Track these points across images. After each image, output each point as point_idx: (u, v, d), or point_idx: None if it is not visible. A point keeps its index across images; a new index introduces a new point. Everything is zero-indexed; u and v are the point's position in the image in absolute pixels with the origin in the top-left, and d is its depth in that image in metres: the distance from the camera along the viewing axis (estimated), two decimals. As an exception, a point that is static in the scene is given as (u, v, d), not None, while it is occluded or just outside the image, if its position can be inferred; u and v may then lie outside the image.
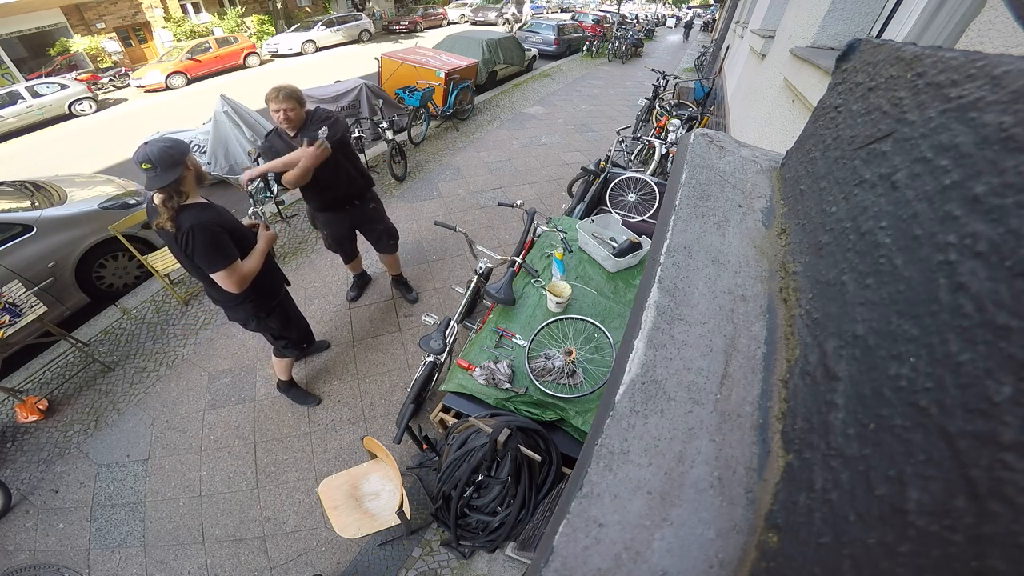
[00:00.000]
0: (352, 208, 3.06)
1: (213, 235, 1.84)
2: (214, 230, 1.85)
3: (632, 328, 0.54)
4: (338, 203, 2.98)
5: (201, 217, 1.83)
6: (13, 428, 2.92)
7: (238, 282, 1.96)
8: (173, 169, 1.74)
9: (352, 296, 3.81)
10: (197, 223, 1.81)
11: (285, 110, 2.51)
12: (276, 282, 2.41)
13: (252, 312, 2.30)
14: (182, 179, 1.78)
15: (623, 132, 5.39)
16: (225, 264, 1.89)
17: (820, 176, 0.54)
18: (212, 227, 1.84)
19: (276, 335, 2.52)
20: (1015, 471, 0.24)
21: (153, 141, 1.75)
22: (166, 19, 17.57)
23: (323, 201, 2.94)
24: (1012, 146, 0.27)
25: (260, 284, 2.21)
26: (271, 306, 2.37)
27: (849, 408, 0.36)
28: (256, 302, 2.27)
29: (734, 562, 0.40)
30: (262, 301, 2.30)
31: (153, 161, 1.70)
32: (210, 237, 1.84)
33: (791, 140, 0.66)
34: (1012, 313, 0.25)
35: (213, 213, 1.91)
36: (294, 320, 2.56)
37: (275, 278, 2.41)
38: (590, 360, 2.11)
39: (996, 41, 0.87)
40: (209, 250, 1.85)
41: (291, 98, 2.51)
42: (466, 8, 25.79)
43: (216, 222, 1.87)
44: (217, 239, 1.86)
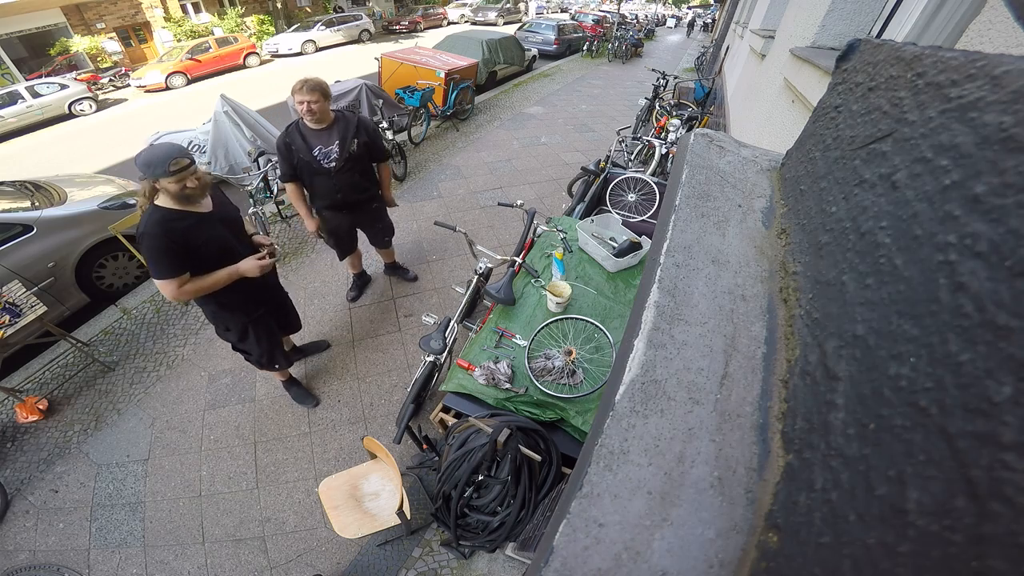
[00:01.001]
0: (356, 209, 3.08)
1: (157, 246, 1.79)
2: (161, 242, 1.79)
3: (632, 328, 0.54)
4: (345, 205, 2.99)
5: (151, 224, 1.79)
6: (13, 428, 2.92)
7: (173, 296, 1.91)
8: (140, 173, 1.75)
9: (352, 296, 3.81)
10: (147, 230, 1.79)
11: (309, 102, 2.49)
12: (248, 303, 2.30)
13: (210, 317, 2.29)
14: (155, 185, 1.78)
15: (623, 132, 5.39)
16: (160, 277, 1.85)
17: (820, 176, 0.54)
18: (160, 239, 1.79)
19: (234, 347, 2.49)
20: (1015, 471, 0.24)
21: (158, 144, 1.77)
22: (166, 19, 17.57)
23: (331, 202, 2.94)
24: (1012, 146, 0.27)
25: (222, 299, 2.15)
26: (232, 324, 2.32)
27: (849, 408, 0.36)
28: (215, 312, 2.24)
29: (734, 562, 0.40)
30: (221, 312, 2.25)
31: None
32: (154, 246, 1.79)
33: (791, 140, 0.66)
34: (1012, 313, 0.25)
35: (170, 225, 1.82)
36: (256, 341, 2.44)
37: (248, 299, 2.27)
38: (590, 360, 2.11)
39: (996, 41, 0.87)
40: (150, 259, 1.83)
41: (316, 90, 2.49)
42: (466, 8, 25.79)
43: (165, 234, 1.80)
44: (160, 251, 1.80)
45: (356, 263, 3.70)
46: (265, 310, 2.42)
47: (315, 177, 2.78)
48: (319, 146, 2.67)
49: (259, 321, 2.40)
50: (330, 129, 2.67)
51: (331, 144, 2.68)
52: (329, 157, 2.70)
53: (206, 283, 1.99)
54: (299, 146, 2.65)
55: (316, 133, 2.66)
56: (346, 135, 2.71)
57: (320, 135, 2.66)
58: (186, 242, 1.85)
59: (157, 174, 1.73)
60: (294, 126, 2.66)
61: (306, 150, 2.65)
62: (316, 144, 2.67)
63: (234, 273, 2.04)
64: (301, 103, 2.51)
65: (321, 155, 2.68)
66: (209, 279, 1.99)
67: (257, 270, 2.07)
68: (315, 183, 2.83)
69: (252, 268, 2.06)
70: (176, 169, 1.74)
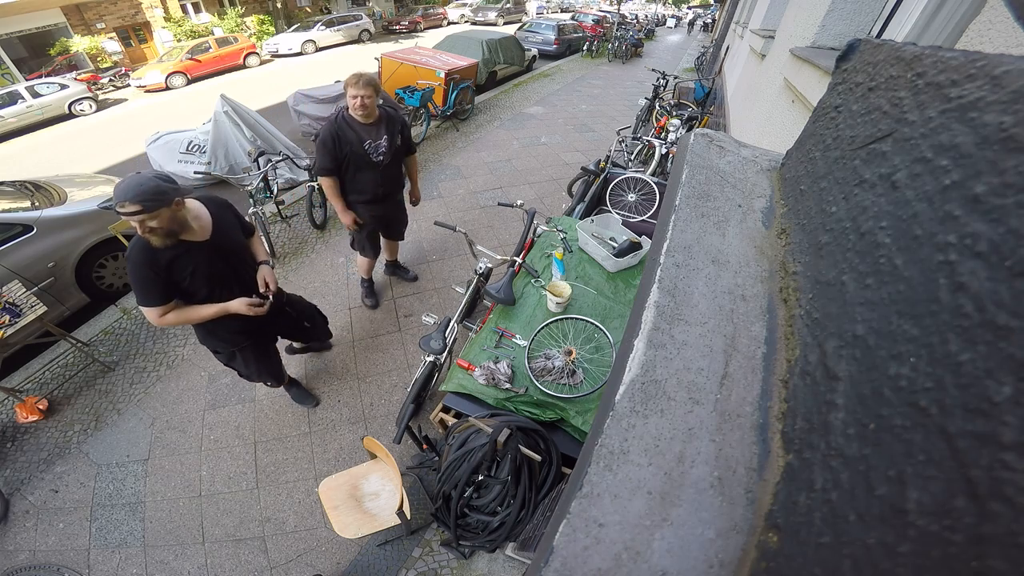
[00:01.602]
0: (389, 201, 3.13)
1: (138, 275, 1.73)
2: (144, 272, 1.73)
3: (632, 328, 0.54)
4: (384, 198, 3.03)
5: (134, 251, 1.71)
6: (13, 428, 2.92)
7: (155, 323, 1.85)
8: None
9: (372, 303, 3.75)
10: (129, 256, 1.72)
11: (363, 96, 2.53)
12: (237, 335, 2.19)
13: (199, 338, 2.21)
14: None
15: (623, 132, 5.38)
16: (141, 303, 1.79)
17: (820, 176, 0.54)
18: (142, 269, 1.72)
19: (225, 364, 2.40)
20: (1015, 471, 0.24)
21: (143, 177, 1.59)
22: (166, 19, 17.57)
23: (372, 195, 2.95)
24: (1012, 146, 0.27)
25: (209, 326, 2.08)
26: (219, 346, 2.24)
27: (849, 408, 0.36)
28: (204, 337, 2.18)
29: (734, 562, 0.40)
30: (208, 338, 2.18)
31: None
32: (135, 275, 1.74)
33: (791, 140, 0.66)
34: (1012, 313, 0.25)
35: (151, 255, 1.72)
36: (245, 364, 2.37)
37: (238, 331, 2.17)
38: (590, 360, 2.11)
39: (996, 41, 0.87)
40: (134, 286, 1.77)
41: (370, 85, 2.54)
42: (466, 8, 25.79)
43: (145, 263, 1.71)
44: (141, 280, 1.74)
45: (371, 266, 3.64)
46: (256, 340, 2.32)
47: (362, 171, 2.80)
48: (369, 140, 2.69)
49: (248, 349, 2.31)
50: (378, 124, 2.71)
51: (380, 138, 2.72)
52: (379, 151, 2.74)
53: (191, 316, 1.92)
54: (351, 139, 2.66)
55: (365, 127, 2.69)
56: (393, 130, 2.77)
57: (369, 129, 2.69)
58: (168, 273, 1.77)
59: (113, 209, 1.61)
60: (342, 119, 2.67)
61: (358, 143, 2.67)
62: (367, 138, 2.69)
63: (222, 311, 1.94)
64: (355, 97, 2.53)
65: (371, 149, 2.71)
66: (194, 312, 1.91)
67: (245, 310, 1.94)
68: (360, 177, 2.83)
69: (240, 309, 1.94)
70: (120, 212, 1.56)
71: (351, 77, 2.55)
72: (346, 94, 2.58)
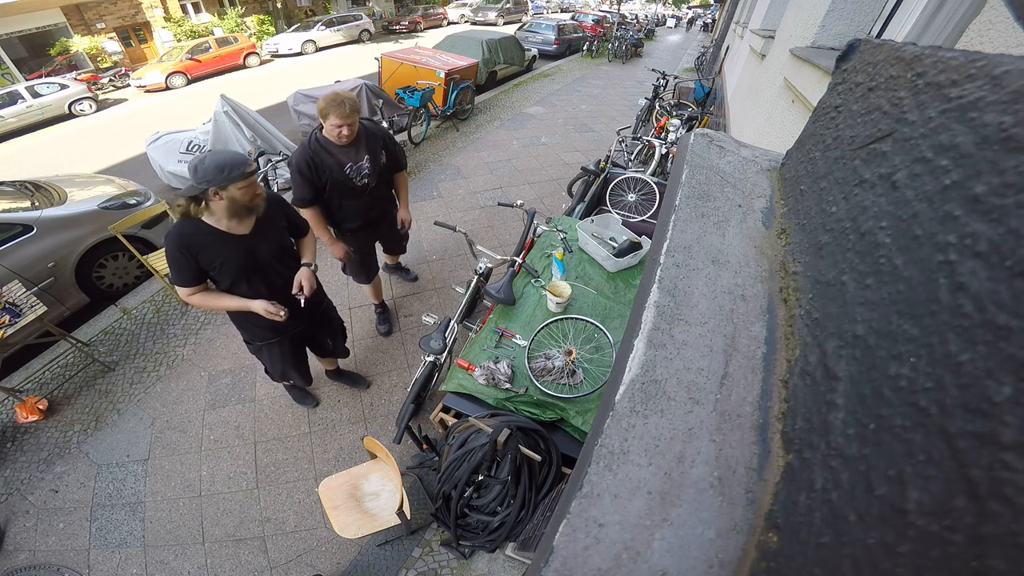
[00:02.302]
0: (381, 223, 2.89)
1: (175, 255, 1.77)
2: (181, 253, 1.77)
3: (632, 328, 0.54)
4: (376, 221, 2.80)
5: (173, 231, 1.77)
6: (13, 428, 2.92)
7: (183, 298, 1.90)
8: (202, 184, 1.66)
9: (385, 330, 3.49)
10: (168, 233, 1.78)
11: (349, 125, 2.23)
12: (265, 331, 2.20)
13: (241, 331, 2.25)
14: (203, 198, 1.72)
15: (623, 132, 5.38)
16: (174, 282, 1.85)
17: (820, 176, 0.54)
18: (180, 251, 1.76)
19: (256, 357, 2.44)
20: (1015, 471, 0.24)
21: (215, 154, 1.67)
22: (166, 19, 17.57)
23: (364, 221, 2.69)
24: (1012, 146, 0.27)
25: (237, 316, 2.13)
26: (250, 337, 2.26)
27: (849, 408, 0.36)
28: (237, 323, 2.21)
29: (734, 562, 0.40)
30: (239, 326, 2.22)
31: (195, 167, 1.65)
32: (172, 254, 1.77)
33: (791, 140, 0.66)
34: (1012, 313, 0.25)
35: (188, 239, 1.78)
36: (271, 360, 2.39)
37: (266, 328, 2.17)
38: (590, 360, 2.11)
39: (996, 41, 0.87)
40: (169, 263, 1.81)
41: (355, 112, 2.24)
42: (466, 8, 25.79)
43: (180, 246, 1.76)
44: (177, 261, 1.78)
45: (378, 291, 3.37)
46: (284, 339, 2.29)
47: (348, 198, 2.50)
48: (350, 163, 2.38)
49: (275, 346, 2.30)
50: (357, 144, 2.38)
51: (361, 159, 2.41)
52: (361, 173, 2.44)
53: (213, 304, 1.94)
54: (329, 164, 2.35)
55: (343, 149, 2.36)
56: (375, 147, 2.44)
57: (348, 151, 2.37)
58: (198, 260, 1.80)
59: (233, 176, 1.65)
60: (315, 143, 2.34)
61: (338, 168, 2.36)
62: (347, 161, 2.37)
63: (242, 306, 1.95)
64: (339, 127, 2.22)
65: (354, 172, 2.41)
66: (217, 301, 1.94)
67: (263, 312, 1.93)
68: (347, 204, 2.53)
69: (259, 310, 1.93)
70: (251, 171, 1.69)
71: (331, 101, 2.17)
72: (324, 120, 2.24)
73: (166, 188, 5.83)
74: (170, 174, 5.72)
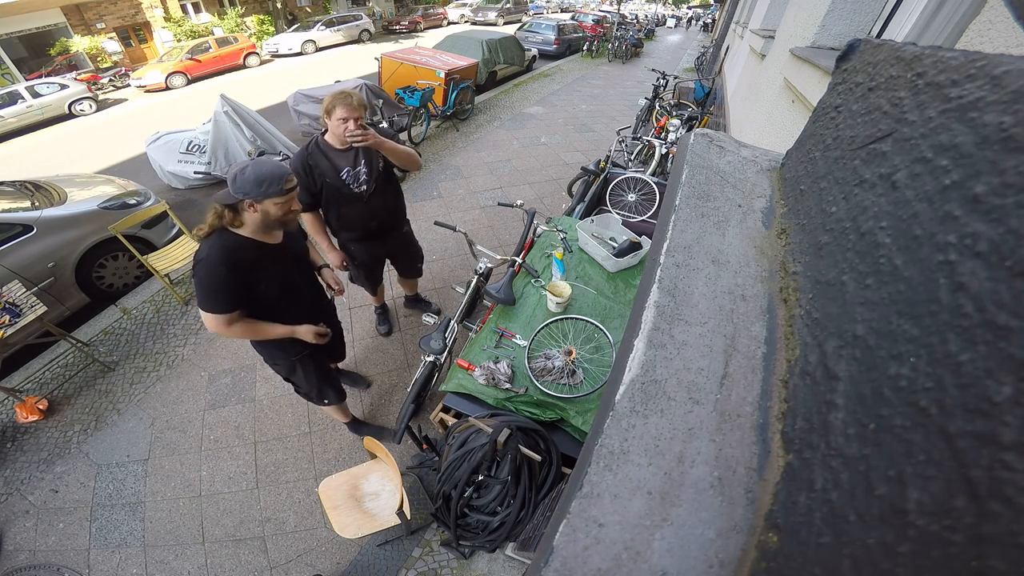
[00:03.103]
0: (389, 236, 2.75)
1: (215, 277, 1.60)
2: (222, 273, 1.60)
3: (632, 328, 0.54)
4: (379, 233, 2.64)
5: (216, 250, 1.60)
6: (13, 428, 2.92)
7: (216, 330, 1.71)
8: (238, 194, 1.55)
9: (385, 331, 3.49)
10: (209, 255, 1.60)
11: (356, 119, 2.13)
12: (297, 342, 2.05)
13: (265, 356, 2.10)
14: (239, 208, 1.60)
15: (623, 132, 5.39)
16: (208, 309, 1.64)
17: (820, 176, 0.54)
18: (221, 269, 1.60)
19: (284, 378, 2.30)
20: (1015, 471, 0.24)
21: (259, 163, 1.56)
22: (166, 19, 17.57)
23: (364, 231, 2.57)
24: (1012, 146, 0.27)
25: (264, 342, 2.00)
26: (281, 360, 2.13)
27: (849, 408, 0.36)
28: (263, 348, 2.06)
29: (734, 562, 0.40)
30: (267, 348, 2.05)
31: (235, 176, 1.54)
32: (210, 277, 1.60)
33: (791, 140, 0.66)
34: (1012, 313, 0.25)
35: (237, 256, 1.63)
36: (305, 375, 2.24)
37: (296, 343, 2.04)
38: (590, 360, 2.11)
39: (996, 41, 0.86)
40: (202, 288, 1.62)
41: (363, 107, 2.14)
42: (466, 8, 25.79)
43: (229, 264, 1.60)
44: (217, 283, 1.61)
45: (381, 295, 3.34)
46: (315, 349, 2.17)
47: (344, 205, 2.40)
48: (347, 168, 2.29)
49: (307, 359, 2.18)
50: (355, 149, 2.30)
51: (359, 164, 2.32)
52: (359, 179, 2.34)
53: (258, 332, 1.82)
54: (324, 168, 2.26)
55: (341, 154, 2.28)
56: (373, 152, 2.34)
57: (346, 155, 2.29)
58: (248, 277, 1.66)
59: (270, 192, 1.55)
60: (314, 147, 2.27)
61: (333, 173, 2.27)
62: (344, 165, 2.28)
63: (288, 333, 1.88)
64: (346, 120, 2.10)
65: (350, 178, 2.32)
66: (262, 329, 1.82)
67: (311, 338, 1.91)
68: (345, 212, 2.43)
69: (307, 335, 1.90)
70: (291, 187, 1.60)
71: (338, 95, 2.08)
72: (329, 116, 2.13)
73: (166, 188, 5.83)
74: (170, 174, 5.73)
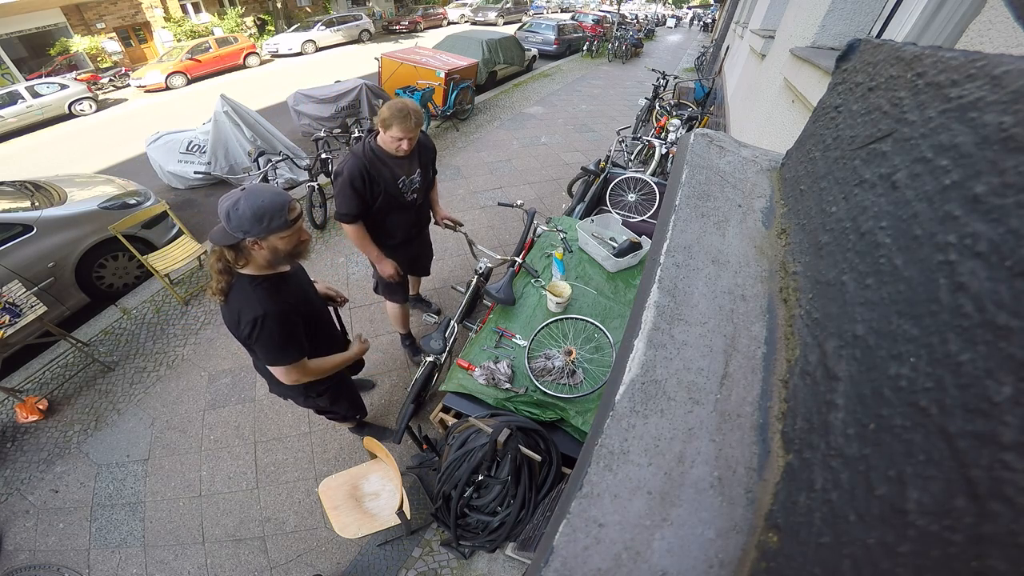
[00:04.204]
0: (420, 238, 2.76)
1: (284, 326, 1.47)
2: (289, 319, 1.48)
3: (632, 328, 0.54)
4: (416, 235, 2.65)
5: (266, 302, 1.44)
6: (13, 428, 2.92)
7: (297, 379, 1.62)
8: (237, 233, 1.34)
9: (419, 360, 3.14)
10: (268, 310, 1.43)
11: (410, 139, 2.05)
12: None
13: (301, 393, 1.96)
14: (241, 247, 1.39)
15: (623, 132, 5.39)
16: (290, 361, 1.53)
17: (820, 176, 0.54)
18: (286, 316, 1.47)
19: (322, 411, 2.26)
20: (1015, 471, 0.24)
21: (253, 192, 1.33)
22: (166, 19, 17.57)
23: (406, 237, 2.53)
24: (1012, 146, 0.27)
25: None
26: (323, 388, 2.02)
27: (849, 408, 0.36)
28: (308, 386, 1.91)
29: (734, 562, 0.40)
30: (314, 385, 1.93)
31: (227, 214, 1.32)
32: (280, 329, 1.46)
33: (791, 140, 0.66)
34: (1012, 313, 0.25)
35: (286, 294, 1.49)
36: (345, 397, 2.22)
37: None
38: (590, 360, 2.11)
39: (996, 41, 0.86)
40: (275, 344, 1.47)
41: (420, 125, 2.05)
42: (466, 8, 25.79)
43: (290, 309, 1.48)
44: (288, 331, 1.49)
45: (406, 319, 3.09)
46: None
47: (393, 213, 2.32)
48: (403, 176, 2.23)
49: (341, 382, 2.13)
50: (411, 155, 2.21)
51: (413, 172, 2.27)
52: (412, 187, 2.30)
53: (326, 365, 1.74)
54: (385, 176, 2.15)
55: (399, 161, 2.18)
56: (427, 160, 2.32)
57: (403, 163, 2.20)
58: (297, 311, 1.54)
59: (274, 227, 1.34)
60: (371, 152, 2.12)
61: (392, 181, 2.19)
62: (401, 174, 2.21)
63: (350, 358, 1.84)
64: (400, 140, 2.02)
65: (406, 186, 2.26)
66: (328, 362, 1.75)
67: (364, 352, 1.91)
68: (390, 219, 2.35)
69: (361, 353, 1.89)
70: (294, 217, 1.39)
71: (397, 112, 1.94)
72: (385, 130, 2.02)
73: (166, 188, 5.83)
74: (170, 174, 5.73)
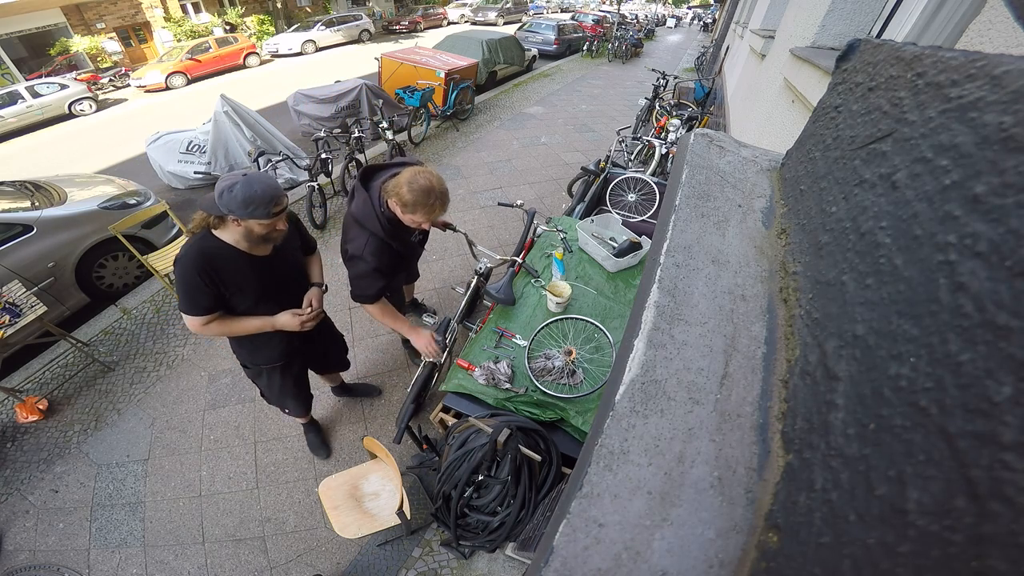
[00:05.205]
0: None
1: (188, 278, 1.59)
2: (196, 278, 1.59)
3: (632, 328, 0.54)
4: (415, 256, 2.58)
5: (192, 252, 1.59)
6: (13, 428, 2.92)
7: (196, 331, 1.72)
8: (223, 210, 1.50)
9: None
10: (184, 255, 1.59)
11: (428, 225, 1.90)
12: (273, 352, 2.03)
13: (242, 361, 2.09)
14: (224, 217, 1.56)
15: (623, 132, 5.38)
16: (185, 310, 1.66)
17: (820, 176, 0.54)
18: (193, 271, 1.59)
19: (262, 394, 2.35)
20: (1015, 471, 0.24)
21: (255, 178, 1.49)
22: (166, 19, 17.57)
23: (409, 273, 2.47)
24: (1012, 146, 0.27)
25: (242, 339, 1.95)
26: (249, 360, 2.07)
27: (849, 408, 0.36)
28: (235, 347, 2.03)
29: (734, 562, 0.40)
30: (240, 348, 2.03)
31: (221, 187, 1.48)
32: (182, 279, 1.60)
33: (791, 140, 0.66)
34: (1012, 313, 0.25)
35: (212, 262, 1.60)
36: (269, 386, 2.23)
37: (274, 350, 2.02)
38: (590, 360, 2.11)
39: (996, 41, 0.86)
40: (180, 289, 1.63)
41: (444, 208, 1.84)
42: (466, 8, 25.79)
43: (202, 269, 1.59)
44: (188, 285, 1.60)
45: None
46: (290, 361, 2.14)
47: (402, 262, 2.18)
48: (415, 232, 2.11)
49: (278, 370, 2.13)
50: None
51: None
52: (418, 235, 2.20)
53: (234, 328, 1.79)
54: (402, 239, 2.00)
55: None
56: None
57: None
58: (222, 281, 1.65)
59: (256, 214, 1.50)
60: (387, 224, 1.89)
61: (408, 241, 2.09)
62: (413, 230, 2.05)
63: (267, 325, 1.82)
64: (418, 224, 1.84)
65: (415, 238, 2.19)
66: (238, 324, 1.79)
67: (296, 326, 1.83)
68: (400, 266, 2.20)
69: (288, 324, 1.82)
70: (277, 211, 1.54)
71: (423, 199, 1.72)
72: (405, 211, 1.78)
73: (166, 188, 5.83)
74: (170, 174, 5.73)
